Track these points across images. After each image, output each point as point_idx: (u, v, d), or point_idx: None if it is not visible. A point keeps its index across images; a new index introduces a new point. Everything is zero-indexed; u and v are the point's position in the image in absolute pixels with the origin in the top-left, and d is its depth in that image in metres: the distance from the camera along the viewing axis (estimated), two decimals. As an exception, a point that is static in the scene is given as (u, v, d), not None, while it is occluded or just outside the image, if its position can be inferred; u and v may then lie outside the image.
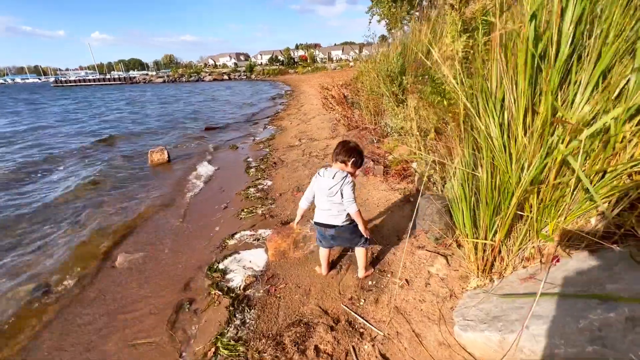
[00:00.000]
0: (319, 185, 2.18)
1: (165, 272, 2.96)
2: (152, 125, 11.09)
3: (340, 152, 2.14)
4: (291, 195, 4.18)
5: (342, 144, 2.17)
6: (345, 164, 2.13)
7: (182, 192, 4.90)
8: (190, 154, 7.19)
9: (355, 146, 2.17)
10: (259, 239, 3.27)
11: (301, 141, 6.89)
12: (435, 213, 2.83)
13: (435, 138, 3.58)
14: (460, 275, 2.23)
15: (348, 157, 2.12)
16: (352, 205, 2.11)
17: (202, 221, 3.88)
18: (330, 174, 2.11)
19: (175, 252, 3.28)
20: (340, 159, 2.12)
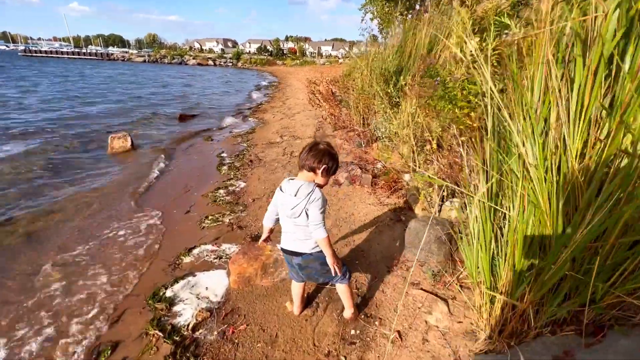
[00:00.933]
0: (281, 202, 1.67)
1: (92, 297, 2.35)
2: (123, 106, 10.12)
3: (308, 156, 1.62)
4: (266, 202, 3.63)
5: (311, 147, 1.65)
6: (314, 172, 1.63)
7: (138, 188, 4.24)
8: (159, 142, 6.46)
9: (326, 148, 1.65)
10: (221, 256, 2.72)
11: (283, 138, 6.33)
12: (433, 241, 2.39)
13: (433, 150, 3.14)
14: (465, 330, 1.79)
15: (318, 162, 1.61)
16: (318, 230, 1.62)
17: (163, 221, 3.27)
18: (293, 189, 1.61)
19: (113, 269, 2.67)
20: (308, 165, 1.61)
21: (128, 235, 3.11)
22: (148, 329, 1.97)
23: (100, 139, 6.49)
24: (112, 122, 8.07)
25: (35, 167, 4.87)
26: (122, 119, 8.45)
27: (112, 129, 7.20)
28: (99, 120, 8.24)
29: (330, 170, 1.65)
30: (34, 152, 5.58)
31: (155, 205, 3.72)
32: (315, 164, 1.60)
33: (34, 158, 5.26)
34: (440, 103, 2.53)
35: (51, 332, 2.04)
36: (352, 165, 4.08)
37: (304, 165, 1.62)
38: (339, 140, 5.63)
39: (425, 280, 2.22)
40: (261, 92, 16.89)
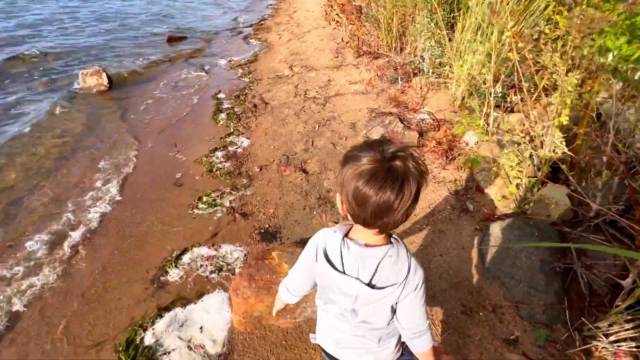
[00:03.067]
0: (335, 286, 0.82)
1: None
2: (96, 31, 8.49)
3: (400, 204, 0.66)
4: (277, 172, 2.76)
5: (393, 181, 0.65)
6: (404, 215, 0.69)
7: (115, 147, 3.35)
8: (142, 79, 5.29)
9: (417, 170, 0.67)
10: (220, 267, 1.99)
11: (293, 69, 5.06)
12: (537, 269, 1.55)
13: (528, 104, 2.05)
14: None
15: (414, 202, 0.68)
16: (424, 338, 0.85)
17: (134, 213, 2.48)
18: (365, 269, 0.76)
19: (67, 295, 1.99)
20: (401, 220, 0.69)
21: (88, 231, 2.36)
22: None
23: (71, 75, 5.33)
24: (90, 52, 6.71)
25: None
26: (97, 50, 7.03)
27: (85, 59, 5.96)
28: (68, 49, 6.87)
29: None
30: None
31: (137, 178, 2.89)
32: (411, 210, 0.69)
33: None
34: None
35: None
36: (390, 117, 3.03)
37: (388, 223, 0.70)
38: (364, 73, 4.38)
39: (527, 337, 1.45)
40: (263, 2, 14.30)
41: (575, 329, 1.42)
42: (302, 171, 2.72)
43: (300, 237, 2.12)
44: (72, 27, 8.80)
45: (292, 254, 1.80)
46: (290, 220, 2.28)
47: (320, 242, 0.83)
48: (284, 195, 2.50)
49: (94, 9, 11.66)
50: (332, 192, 2.46)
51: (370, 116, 3.28)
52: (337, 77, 4.47)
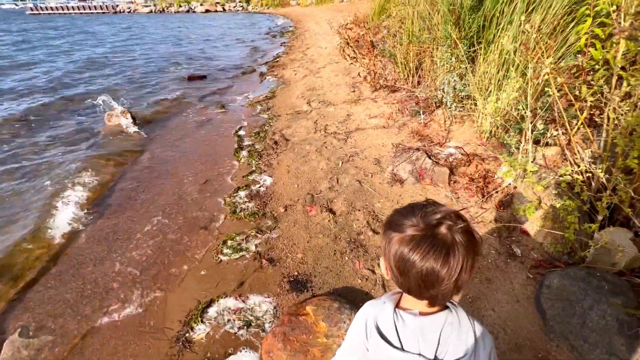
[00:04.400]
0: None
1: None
2: (122, 72, 8.99)
3: (459, 272, 0.60)
4: (302, 213, 2.66)
5: (432, 237, 0.61)
6: (455, 287, 0.62)
7: (138, 191, 3.35)
8: (165, 118, 5.44)
9: (464, 235, 0.61)
10: (249, 322, 1.84)
11: (311, 105, 5.12)
12: (615, 331, 1.35)
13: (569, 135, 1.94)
14: None
15: (463, 271, 0.61)
16: None
17: (160, 263, 2.40)
18: (429, 340, 0.67)
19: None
20: (458, 288, 0.64)
21: (111, 285, 2.28)
22: None
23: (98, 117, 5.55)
24: (108, 87, 7.05)
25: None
26: (122, 85, 7.39)
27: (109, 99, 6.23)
28: (96, 85, 7.24)
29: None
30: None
31: (159, 220, 2.84)
32: (463, 282, 0.63)
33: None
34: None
35: None
36: (417, 152, 2.94)
37: (436, 296, 0.64)
38: (384, 107, 4.38)
39: (614, 416, 1.23)
40: (276, 40, 15.03)
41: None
42: (329, 211, 2.61)
43: (332, 287, 1.97)
44: (99, 68, 9.35)
45: (328, 310, 1.65)
46: (320, 266, 2.14)
47: (369, 318, 0.74)
48: (311, 239, 2.38)
49: (120, 51, 12.46)
50: (363, 235, 2.33)
51: (395, 151, 3.20)
52: (356, 112, 4.48)
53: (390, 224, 0.68)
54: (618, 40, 1.70)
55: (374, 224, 2.41)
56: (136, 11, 56.29)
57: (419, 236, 0.62)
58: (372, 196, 2.71)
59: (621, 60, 1.67)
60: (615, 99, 1.48)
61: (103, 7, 62.39)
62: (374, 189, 2.80)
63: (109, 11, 59.47)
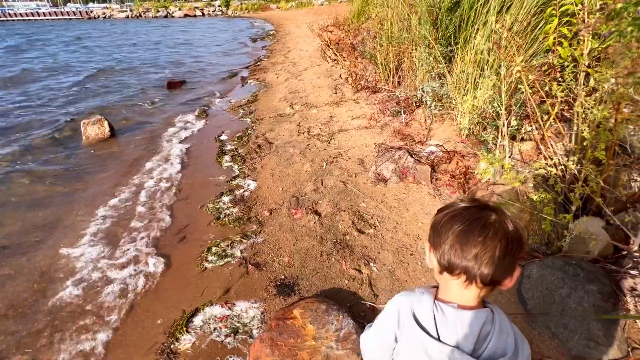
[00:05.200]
0: (418, 356, 0.68)
1: None
2: (96, 78, 8.73)
3: (498, 255, 0.61)
4: (288, 216, 2.64)
5: (485, 230, 0.62)
6: (499, 283, 0.65)
7: (118, 193, 3.25)
8: (143, 125, 5.31)
9: (515, 226, 0.65)
10: (236, 330, 1.81)
11: (294, 107, 5.11)
12: (592, 316, 1.40)
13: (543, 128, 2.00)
14: None
15: (514, 262, 0.65)
16: None
17: (140, 274, 2.33)
18: (470, 335, 0.64)
19: None
20: (499, 275, 0.63)
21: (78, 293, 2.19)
22: None
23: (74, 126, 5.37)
24: (87, 100, 6.83)
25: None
26: (97, 96, 7.18)
27: (86, 109, 6.03)
28: (70, 97, 6.99)
29: None
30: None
31: (139, 230, 2.76)
32: (509, 268, 0.64)
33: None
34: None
35: None
36: (399, 151, 2.98)
37: (488, 275, 0.63)
38: (365, 108, 4.42)
39: (594, 399, 1.27)
40: (257, 44, 14.96)
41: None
42: (314, 213, 2.61)
43: (320, 289, 1.97)
44: (72, 73, 9.05)
45: (316, 312, 1.64)
46: (307, 269, 2.13)
47: (403, 307, 0.72)
48: (297, 241, 2.37)
49: (95, 56, 12.10)
50: (349, 235, 2.34)
51: (378, 151, 3.23)
52: (339, 113, 4.50)
53: (440, 209, 0.71)
54: (583, 38, 1.77)
55: (359, 223, 2.42)
56: (112, 17, 54.87)
57: (468, 207, 0.66)
58: (357, 196, 2.72)
59: (587, 57, 1.75)
60: (582, 94, 1.55)
61: (77, 13, 60.50)
62: (359, 189, 2.81)
63: (83, 17, 57.76)
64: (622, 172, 1.80)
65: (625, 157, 1.61)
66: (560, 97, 1.85)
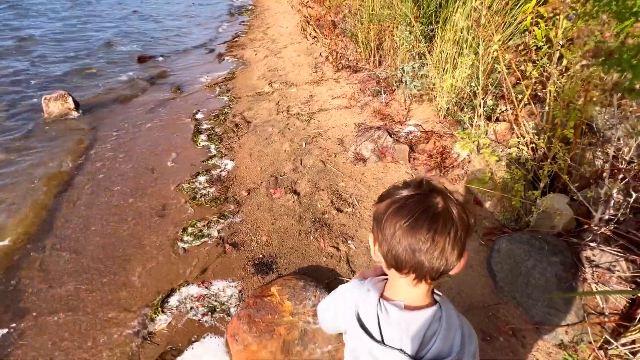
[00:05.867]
0: (363, 356, 0.67)
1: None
2: (59, 51, 8.09)
3: (445, 247, 0.58)
4: (266, 196, 2.61)
5: (434, 222, 0.58)
6: (443, 260, 0.60)
7: (88, 177, 3.09)
8: (111, 102, 5.00)
9: (461, 212, 0.61)
10: (214, 308, 1.80)
11: (273, 86, 4.96)
12: (554, 287, 1.49)
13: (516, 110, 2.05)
14: None
15: (453, 246, 0.59)
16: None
17: (113, 251, 2.25)
18: (413, 337, 0.62)
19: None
20: (449, 265, 0.60)
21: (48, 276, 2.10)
22: None
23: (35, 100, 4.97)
24: (48, 72, 6.32)
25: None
26: (60, 69, 6.66)
27: (49, 84, 5.60)
28: (30, 70, 6.45)
29: None
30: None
31: (109, 209, 2.65)
32: (451, 260, 0.60)
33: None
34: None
35: None
36: (378, 131, 2.97)
37: (439, 270, 0.60)
38: (346, 87, 4.36)
39: (547, 357, 1.38)
40: (235, 18, 14.27)
41: (600, 349, 1.36)
42: (293, 193, 2.59)
43: (298, 266, 1.98)
44: (31, 46, 8.32)
45: (293, 288, 1.65)
46: (285, 247, 2.13)
47: (348, 304, 0.69)
48: (276, 221, 2.35)
49: (55, 26, 11.15)
50: (328, 214, 2.35)
51: (358, 131, 3.22)
52: (319, 92, 4.42)
53: (382, 196, 0.67)
54: (559, 18, 1.79)
55: (338, 202, 2.43)
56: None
57: (412, 196, 0.60)
58: (336, 176, 2.72)
59: (561, 37, 1.77)
60: (555, 73, 1.58)
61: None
62: (338, 168, 2.80)
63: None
64: (588, 151, 1.88)
65: (591, 136, 1.68)
66: (535, 78, 1.88)
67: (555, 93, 1.59)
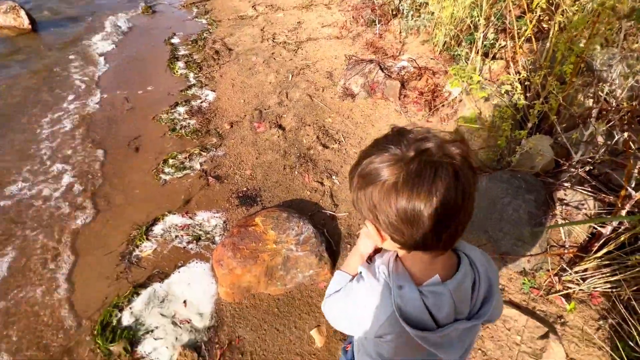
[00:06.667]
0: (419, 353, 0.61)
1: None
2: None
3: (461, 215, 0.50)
4: (250, 130, 2.51)
5: (425, 163, 0.47)
6: (469, 213, 0.52)
7: (53, 103, 2.86)
8: (75, 18, 4.42)
9: (460, 152, 0.48)
10: (198, 237, 1.84)
11: (257, 9, 4.47)
12: (525, 222, 1.58)
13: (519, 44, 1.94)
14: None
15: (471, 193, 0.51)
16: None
17: (88, 183, 2.19)
18: (462, 304, 0.58)
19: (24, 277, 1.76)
20: (461, 220, 0.51)
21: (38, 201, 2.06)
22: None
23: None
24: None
25: None
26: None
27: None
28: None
29: None
30: None
31: (84, 142, 2.51)
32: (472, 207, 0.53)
33: None
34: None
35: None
36: (370, 65, 2.80)
37: (456, 233, 0.52)
38: (338, 15, 3.98)
39: (512, 285, 1.52)
40: None
41: (556, 275, 1.50)
42: (278, 127, 2.50)
43: (282, 200, 2.00)
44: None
45: (277, 219, 1.68)
46: (269, 181, 2.12)
47: (380, 312, 0.58)
48: (260, 155, 2.30)
49: None
50: (313, 150, 2.30)
51: (348, 63, 3.02)
52: (308, 19, 4.03)
53: (365, 177, 0.51)
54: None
55: (324, 138, 2.38)
56: None
57: (413, 171, 0.47)
58: (323, 111, 2.62)
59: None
60: (566, 1, 1.45)
61: None
62: (325, 103, 2.69)
63: None
64: (580, 93, 1.85)
65: (588, 75, 1.63)
66: (542, 8, 1.74)
67: (562, 24, 1.48)
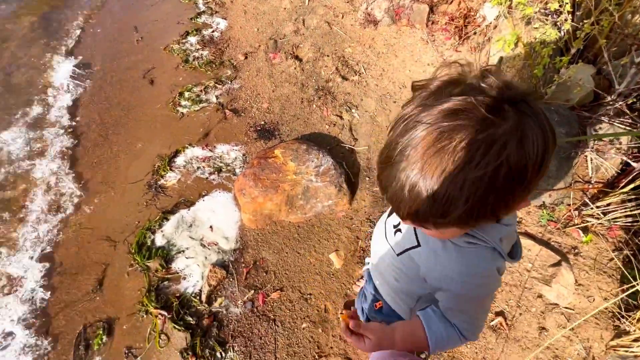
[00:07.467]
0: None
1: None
2: None
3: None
4: (265, 61, 2.39)
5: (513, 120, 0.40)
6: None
7: (55, 29, 2.75)
8: None
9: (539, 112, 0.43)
10: (220, 169, 1.88)
11: None
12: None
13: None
14: (595, 306, 1.27)
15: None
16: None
17: (104, 117, 2.20)
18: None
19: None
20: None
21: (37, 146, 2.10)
22: (147, 306, 1.42)
23: None
24: None
25: None
26: None
27: None
28: None
29: None
30: None
31: (94, 73, 2.46)
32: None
33: None
34: None
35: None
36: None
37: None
38: None
39: (529, 218, 1.53)
40: None
41: (576, 209, 1.50)
42: (294, 58, 2.36)
43: (300, 133, 1.97)
44: None
45: (296, 151, 1.68)
46: (287, 115, 2.08)
47: (495, 261, 0.63)
48: (277, 88, 2.22)
49: None
50: (332, 82, 2.20)
51: (371, -15, 2.71)
52: None
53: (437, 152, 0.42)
54: None
55: (343, 70, 2.25)
56: None
57: (482, 133, 0.39)
58: (343, 40, 2.43)
59: None
60: None
61: None
62: (345, 31, 2.49)
63: None
64: (637, 15, 1.63)
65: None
66: None
67: None
